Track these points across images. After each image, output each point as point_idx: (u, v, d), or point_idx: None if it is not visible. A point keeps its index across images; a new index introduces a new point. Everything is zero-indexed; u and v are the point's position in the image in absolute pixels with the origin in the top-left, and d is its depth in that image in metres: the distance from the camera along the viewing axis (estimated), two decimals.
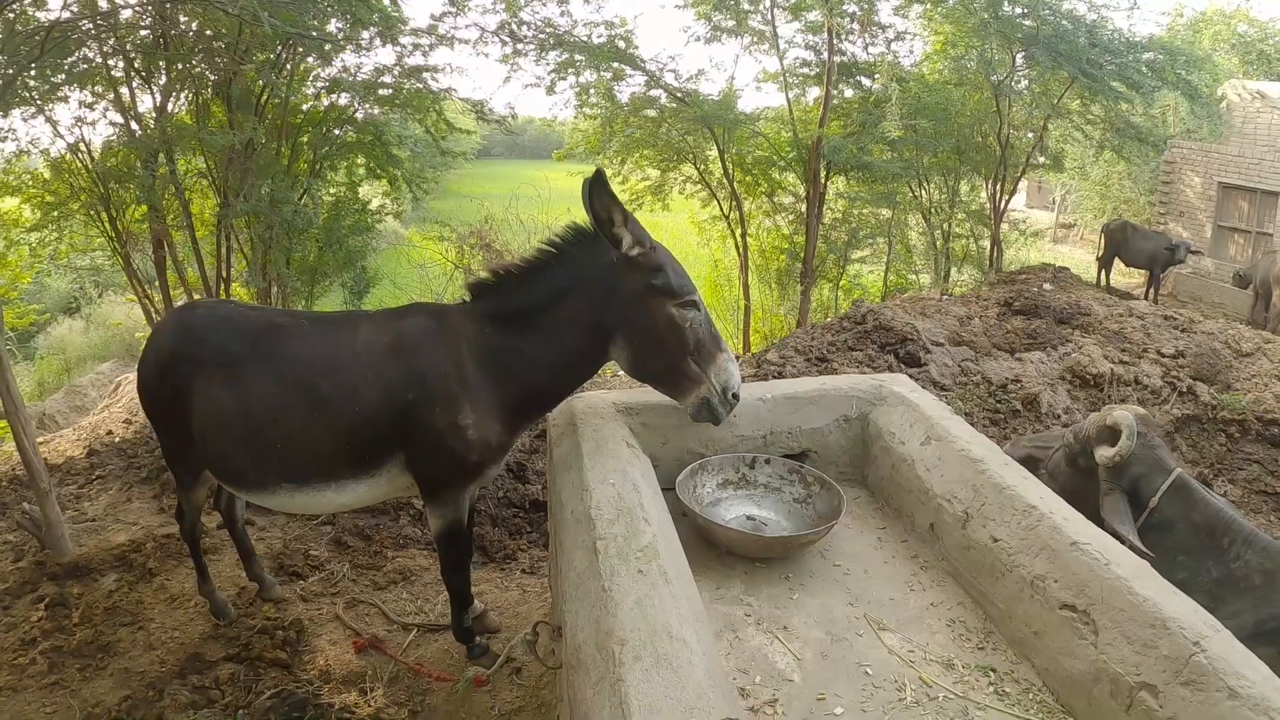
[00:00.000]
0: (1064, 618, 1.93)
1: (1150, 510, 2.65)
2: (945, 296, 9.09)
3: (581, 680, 1.55)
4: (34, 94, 6.24)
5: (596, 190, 2.35)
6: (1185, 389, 5.54)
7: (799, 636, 2.11)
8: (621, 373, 5.91)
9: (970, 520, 2.28)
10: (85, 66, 6.46)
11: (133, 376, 6.21)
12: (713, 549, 2.48)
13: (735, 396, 2.51)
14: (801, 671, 1.97)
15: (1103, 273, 13.26)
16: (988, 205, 12.61)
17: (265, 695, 3.02)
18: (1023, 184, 13.24)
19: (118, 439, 5.39)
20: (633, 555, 1.77)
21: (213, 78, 7.28)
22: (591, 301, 2.50)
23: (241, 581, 3.68)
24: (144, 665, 3.21)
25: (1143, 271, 13.37)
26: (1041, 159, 12.72)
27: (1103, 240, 13.43)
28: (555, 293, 2.53)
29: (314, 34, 6.57)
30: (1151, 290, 12.96)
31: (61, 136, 7.05)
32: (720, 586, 2.31)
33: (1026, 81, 11.74)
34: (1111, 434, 2.73)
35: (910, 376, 5.16)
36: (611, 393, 2.82)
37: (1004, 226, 13.00)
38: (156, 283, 7.98)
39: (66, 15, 5.66)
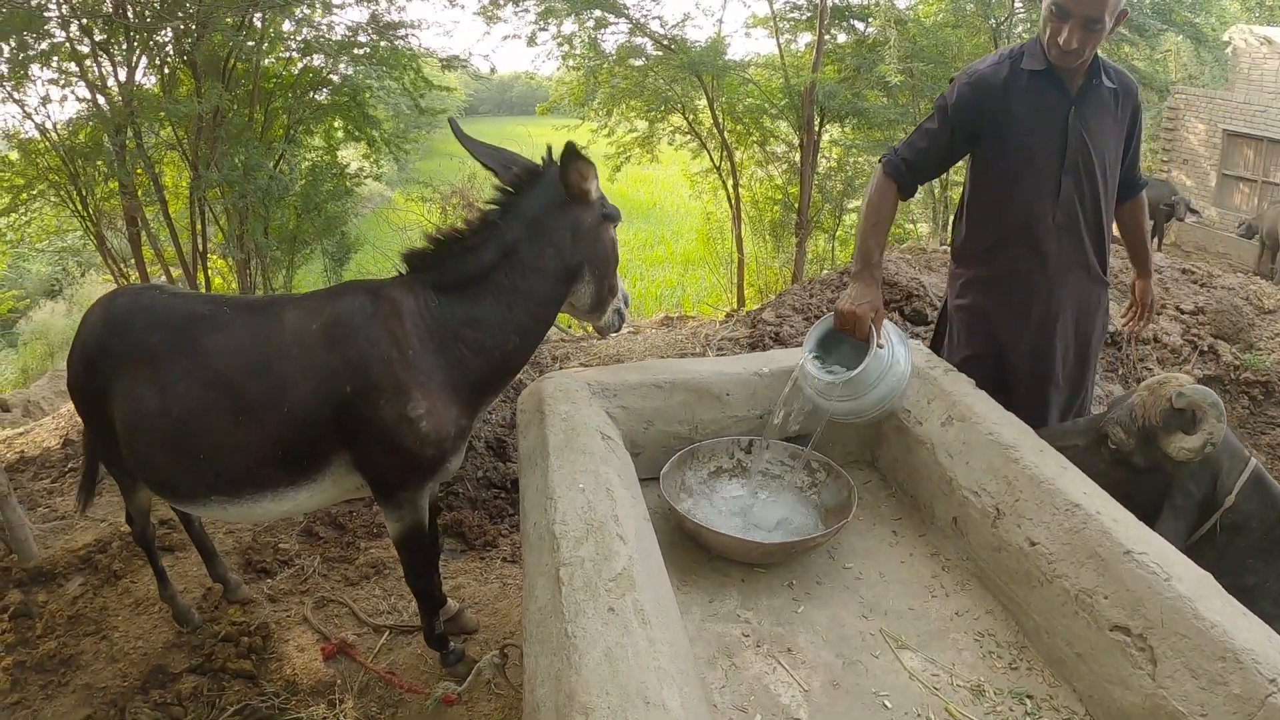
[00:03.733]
0: (1115, 641, 1.63)
1: (1225, 510, 2.10)
2: (946, 246, 8.78)
3: None
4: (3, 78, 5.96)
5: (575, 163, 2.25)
6: (1206, 348, 5.20)
7: (806, 661, 1.81)
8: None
9: (1002, 518, 1.98)
10: (47, 44, 6.13)
11: None
12: (705, 550, 2.18)
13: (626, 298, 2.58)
14: (810, 706, 1.68)
15: None
16: None
17: (229, 711, 2.78)
18: None
19: None
20: (603, 587, 1.46)
21: (184, 43, 6.91)
22: (556, 245, 2.32)
23: (209, 581, 3.43)
24: (106, 679, 2.98)
25: None
26: None
27: None
28: (507, 247, 2.29)
29: None
30: (1155, 240, 12.63)
31: (31, 118, 6.73)
32: (714, 599, 2.01)
33: (1026, 24, 11.33)
34: (1182, 418, 2.07)
35: (916, 335, 4.86)
36: (587, 371, 2.50)
37: None
38: (133, 260, 7.69)
39: None
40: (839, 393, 2.26)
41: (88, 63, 6.62)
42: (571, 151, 2.21)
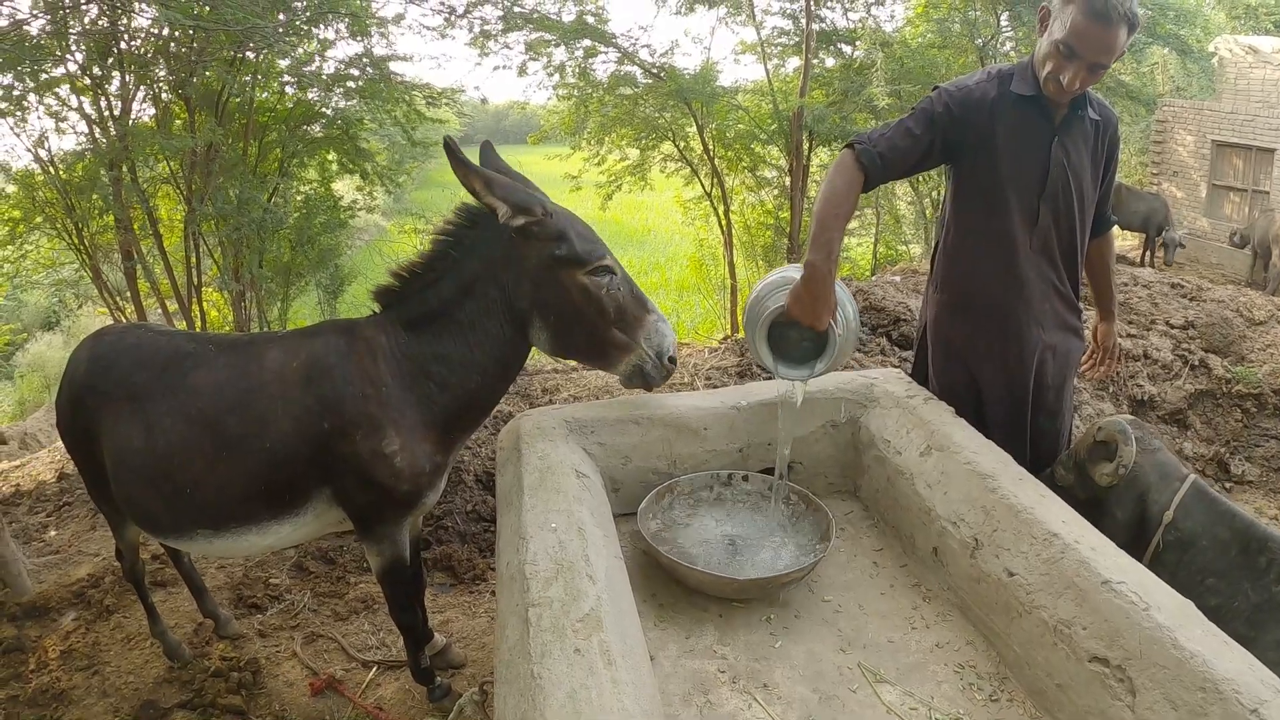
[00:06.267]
0: (1094, 672, 1.61)
1: (1165, 526, 2.16)
2: None
3: None
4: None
5: (450, 161, 2.09)
6: (1197, 362, 5.18)
7: (781, 696, 1.79)
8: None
9: (980, 548, 1.96)
10: (45, 76, 6.18)
11: None
12: (682, 585, 2.16)
13: (672, 360, 2.30)
14: None
15: None
16: None
17: None
18: None
19: None
20: (570, 628, 1.45)
21: (180, 76, 6.95)
22: (501, 285, 2.26)
23: (200, 616, 3.43)
24: (98, 715, 2.98)
25: (1137, 234, 13.06)
26: None
27: None
28: (465, 283, 2.27)
29: (266, 28, 6.23)
30: (1147, 253, 12.65)
31: (33, 151, 6.77)
32: (690, 635, 1.99)
33: (1013, 43, 11.39)
34: (1106, 449, 2.27)
35: (905, 361, 4.85)
36: (564, 408, 2.50)
37: None
38: (129, 293, 7.72)
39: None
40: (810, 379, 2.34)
41: (86, 96, 6.69)
42: (447, 147, 2.09)
